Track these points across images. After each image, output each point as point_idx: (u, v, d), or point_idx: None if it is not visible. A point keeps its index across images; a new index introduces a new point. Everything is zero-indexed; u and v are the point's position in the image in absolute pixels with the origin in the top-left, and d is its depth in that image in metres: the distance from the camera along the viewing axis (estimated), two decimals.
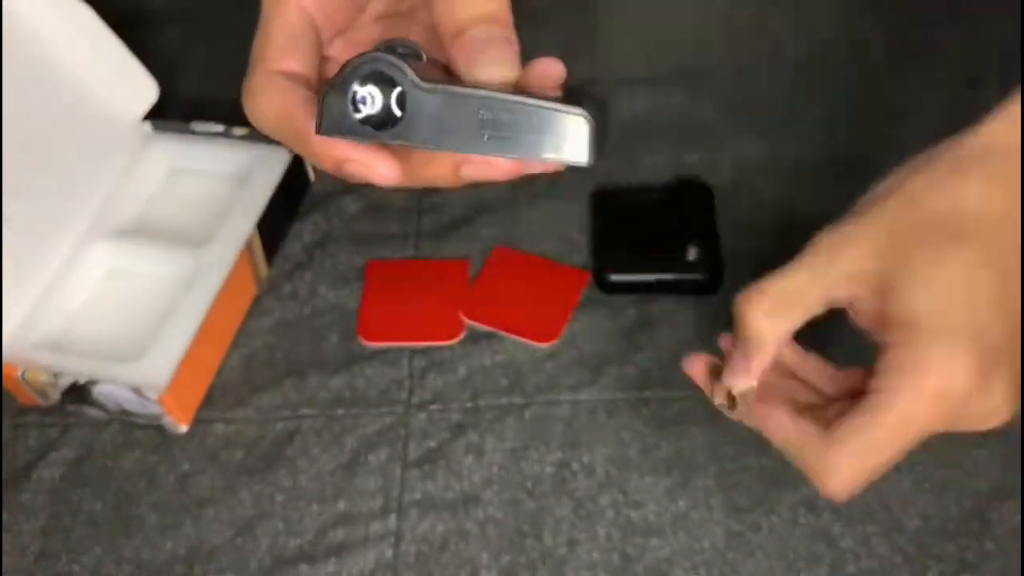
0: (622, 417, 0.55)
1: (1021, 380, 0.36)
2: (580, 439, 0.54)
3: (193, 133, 0.66)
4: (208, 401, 0.57)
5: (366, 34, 0.39)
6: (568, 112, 0.31)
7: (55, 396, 0.55)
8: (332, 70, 0.33)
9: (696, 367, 0.45)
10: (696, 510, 0.51)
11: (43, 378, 0.53)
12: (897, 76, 0.71)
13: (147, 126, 0.66)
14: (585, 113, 0.32)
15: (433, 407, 0.56)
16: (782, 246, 0.62)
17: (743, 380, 0.41)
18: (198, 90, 0.74)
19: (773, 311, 0.40)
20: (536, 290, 0.60)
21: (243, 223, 0.60)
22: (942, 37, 0.74)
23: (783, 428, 0.39)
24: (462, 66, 0.33)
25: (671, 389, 0.56)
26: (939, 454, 0.52)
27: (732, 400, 0.42)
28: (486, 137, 0.32)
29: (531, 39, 0.83)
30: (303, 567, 0.50)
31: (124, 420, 0.56)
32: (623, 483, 0.52)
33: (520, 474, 0.53)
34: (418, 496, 0.53)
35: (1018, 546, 0.49)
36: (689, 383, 0.56)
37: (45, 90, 0.60)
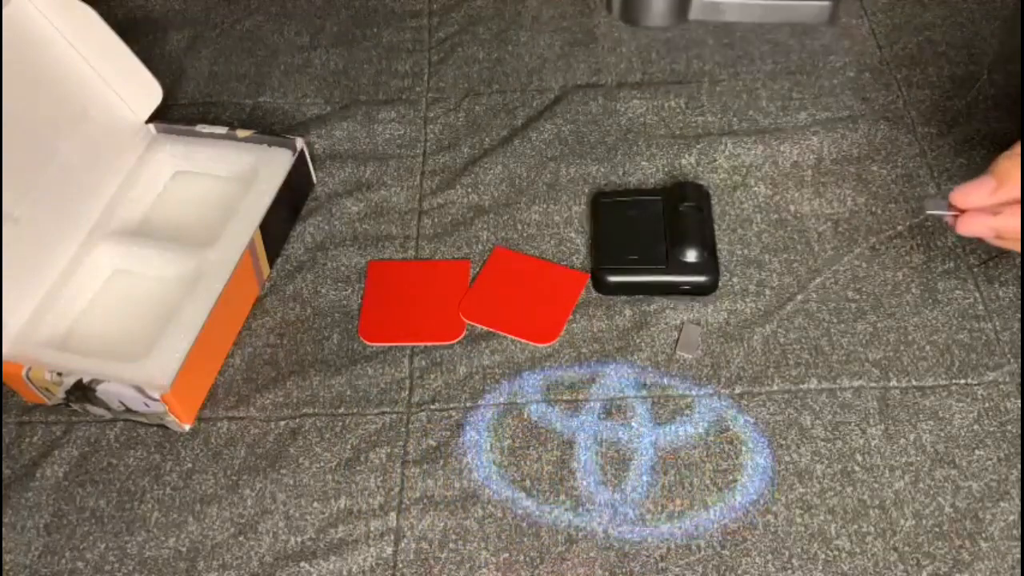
0: (620, 416, 0.55)
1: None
2: (578, 438, 0.55)
3: (198, 135, 0.66)
4: (211, 400, 0.57)
5: None
6: None
7: (59, 395, 0.55)
8: None
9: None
10: (692, 508, 0.52)
11: (47, 377, 0.54)
12: (891, 77, 0.72)
13: (152, 128, 0.67)
14: None
15: (433, 406, 0.56)
16: (778, 248, 0.63)
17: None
18: (203, 93, 0.75)
19: None
20: (535, 291, 0.61)
21: (246, 225, 0.61)
22: (937, 38, 0.75)
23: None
24: None
25: (668, 389, 0.56)
26: (935, 454, 0.53)
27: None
28: None
29: (533, 44, 0.84)
30: (304, 564, 0.51)
31: (128, 419, 0.56)
32: (620, 481, 0.53)
33: (519, 472, 0.53)
34: (418, 494, 0.53)
35: (1011, 545, 0.49)
36: (685, 383, 0.56)
37: (51, 92, 0.61)
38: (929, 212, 0.52)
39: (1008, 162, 0.50)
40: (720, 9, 0.34)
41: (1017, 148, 0.49)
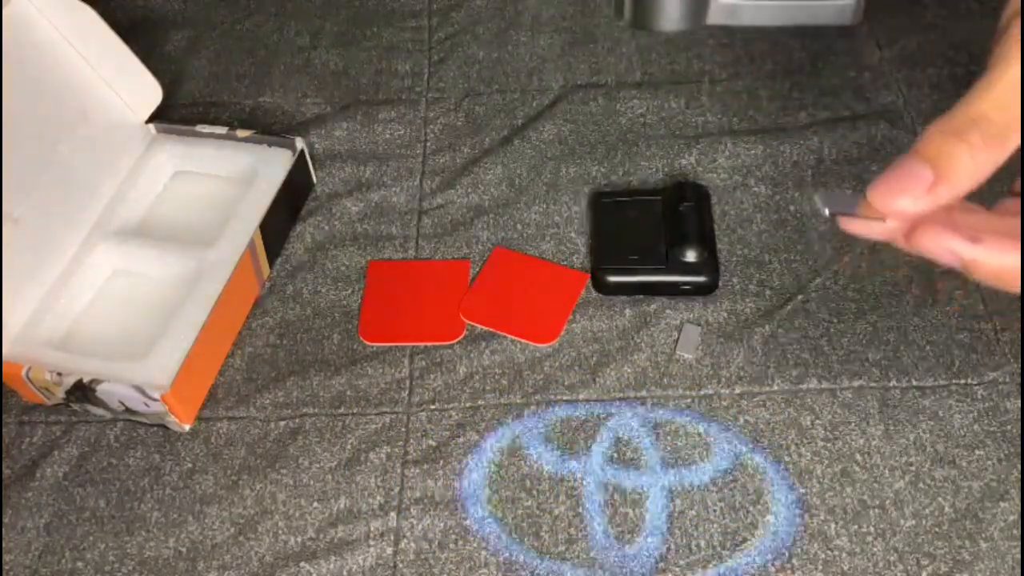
0: (620, 416, 0.55)
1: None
2: (578, 438, 0.55)
3: (197, 135, 0.66)
4: (211, 400, 0.57)
5: None
6: None
7: (59, 395, 0.55)
8: None
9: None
10: (693, 508, 0.52)
11: (47, 377, 0.54)
12: (891, 77, 0.72)
13: (152, 128, 0.67)
14: None
15: (433, 406, 0.56)
16: (778, 248, 0.63)
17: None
18: (203, 93, 0.75)
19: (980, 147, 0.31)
20: (535, 291, 0.61)
21: (246, 224, 0.61)
22: (937, 37, 0.74)
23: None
24: None
25: (668, 389, 0.56)
26: (935, 454, 0.53)
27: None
28: None
29: (534, 44, 0.84)
30: (304, 565, 0.51)
31: (128, 419, 0.56)
32: (620, 481, 0.53)
33: (519, 473, 0.53)
34: (418, 494, 0.53)
35: (1011, 545, 0.49)
36: (685, 383, 0.56)
37: (51, 92, 0.61)
38: (829, 212, 0.33)
39: (946, 140, 0.31)
40: (738, 13, 0.33)
41: (958, 118, 0.32)
